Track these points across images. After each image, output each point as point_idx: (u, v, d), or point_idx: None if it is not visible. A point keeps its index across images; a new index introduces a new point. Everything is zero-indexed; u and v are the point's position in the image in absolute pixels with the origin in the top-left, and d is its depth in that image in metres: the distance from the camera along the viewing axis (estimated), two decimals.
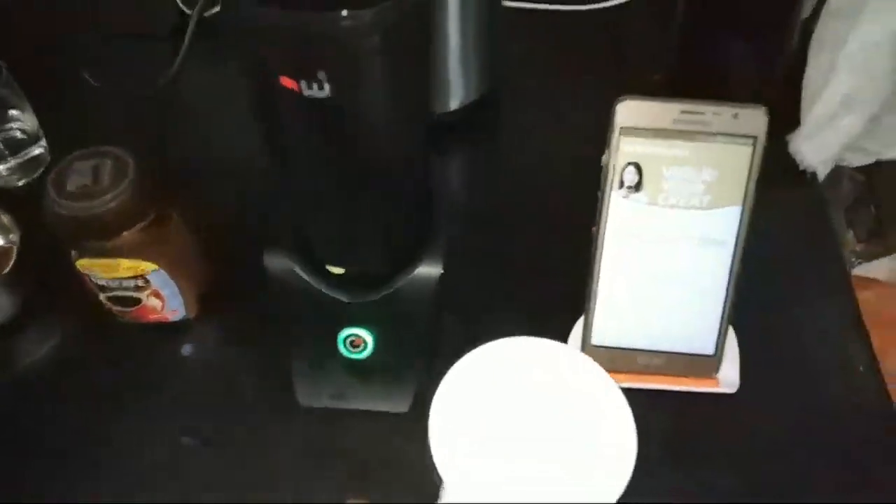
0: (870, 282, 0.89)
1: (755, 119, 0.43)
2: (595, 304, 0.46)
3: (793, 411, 0.49)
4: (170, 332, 0.53)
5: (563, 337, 0.50)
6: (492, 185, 0.63)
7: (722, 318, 0.46)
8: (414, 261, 0.45)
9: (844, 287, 0.55)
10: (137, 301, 0.51)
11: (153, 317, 0.52)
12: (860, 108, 0.59)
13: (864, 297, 0.83)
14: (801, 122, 0.59)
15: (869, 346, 0.51)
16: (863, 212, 1.02)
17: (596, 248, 0.45)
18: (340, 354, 0.47)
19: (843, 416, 0.49)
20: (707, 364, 0.47)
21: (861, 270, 0.94)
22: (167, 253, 0.49)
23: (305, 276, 0.45)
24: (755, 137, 0.42)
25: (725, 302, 0.45)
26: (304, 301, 0.46)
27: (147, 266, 0.48)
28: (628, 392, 0.44)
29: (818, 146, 0.60)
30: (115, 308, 0.52)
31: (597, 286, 0.46)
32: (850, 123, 0.60)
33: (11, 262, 0.53)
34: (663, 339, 0.47)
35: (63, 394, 0.51)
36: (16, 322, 0.54)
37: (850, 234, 1.02)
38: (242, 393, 0.50)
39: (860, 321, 0.52)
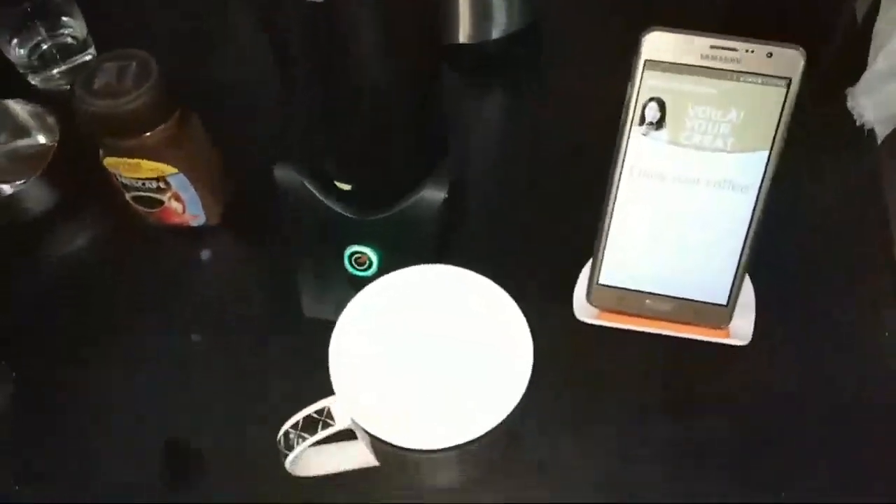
0: None
1: (790, 60, 0.40)
2: (606, 242, 0.45)
3: (805, 370, 0.47)
4: (191, 236, 0.54)
5: (572, 279, 0.49)
6: (522, 120, 0.62)
7: (738, 267, 0.44)
8: (421, 183, 0.44)
9: (887, 253, 0.51)
10: (160, 202, 0.52)
11: (175, 220, 0.53)
12: None
13: None
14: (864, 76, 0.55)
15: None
16: None
17: (611, 185, 0.43)
18: (346, 271, 0.47)
19: (857, 380, 0.47)
20: (719, 313, 0.46)
21: None
22: (187, 157, 0.51)
23: (313, 190, 0.45)
24: (789, 79, 0.40)
25: (743, 251, 0.43)
26: (312, 215, 0.46)
27: (167, 168, 0.50)
28: (635, 335, 0.47)
29: (878, 101, 0.56)
30: (140, 208, 0.53)
31: (609, 224, 0.44)
32: None
33: (48, 160, 0.56)
34: (675, 283, 0.45)
35: (87, 287, 0.54)
36: (50, 217, 0.56)
37: None
38: (252, 298, 0.51)
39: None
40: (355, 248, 0.47)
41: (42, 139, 0.60)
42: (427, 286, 0.39)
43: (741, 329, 0.46)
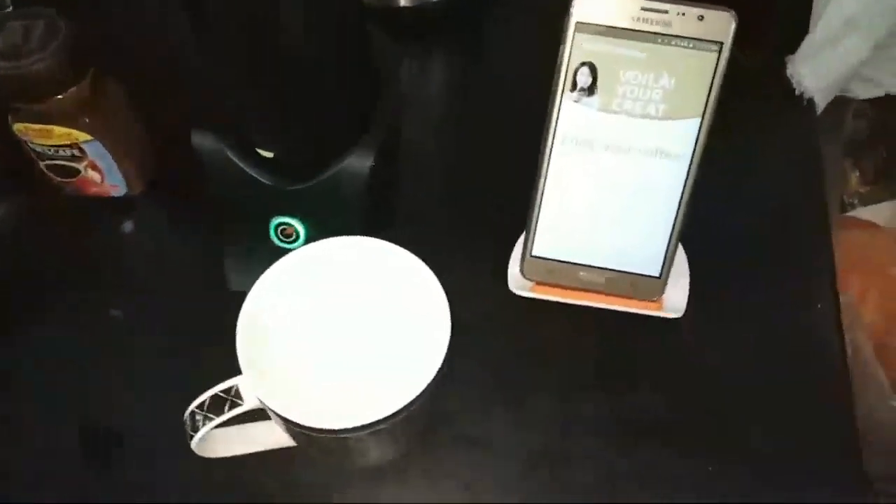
0: (867, 224, 0.84)
1: (722, 23, 0.38)
2: (538, 213, 0.43)
3: (737, 343, 0.47)
4: (112, 207, 0.52)
5: (508, 249, 0.48)
6: (460, 88, 0.60)
7: (671, 238, 0.43)
8: (346, 152, 0.43)
9: (822, 225, 0.51)
10: (76, 171, 0.50)
11: (94, 190, 0.51)
12: (865, 31, 0.54)
13: (855, 238, 0.79)
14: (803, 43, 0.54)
15: (833, 283, 0.47)
16: (870, 152, 0.95)
17: (542, 154, 0.42)
18: (273, 243, 0.45)
19: (789, 353, 0.46)
20: (652, 285, 0.45)
21: (861, 213, 0.89)
22: (102, 123, 0.48)
23: (234, 158, 0.43)
24: (721, 44, 0.39)
25: (676, 221, 0.42)
26: (234, 184, 0.44)
27: (80, 135, 0.47)
28: (568, 308, 0.46)
29: (817, 70, 0.56)
30: (56, 178, 0.51)
31: (541, 194, 0.43)
32: (854, 46, 0.55)
33: None
34: (608, 255, 0.44)
35: (2, 261, 0.52)
36: None
37: (856, 174, 0.96)
38: (176, 271, 0.50)
39: (831, 260, 0.49)
40: (281, 218, 0.45)
41: None
42: (344, 259, 0.38)
43: (674, 301, 0.45)
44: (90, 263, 0.50)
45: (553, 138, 0.42)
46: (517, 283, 0.46)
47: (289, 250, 0.43)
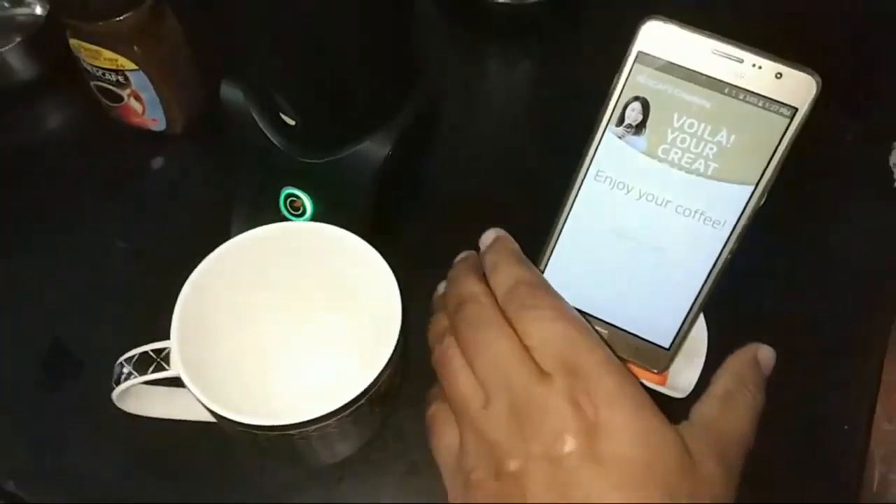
0: None
1: (802, 86, 0.33)
2: (553, 247, 0.39)
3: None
4: (149, 140, 0.52)
5: None
6: (532, 97, 0.57)
7: (690, 309, 0.37)
8: (367, 135, 0.40)
9: (877, 346, 0.44)
10: (119, 98, 0.49)
11: (135, 120, 0.51)
12: None
13: None
14: None
15: (871, 409, 0.42)
16: None
17: (571, 186, 0.37)
18: (281, 213, 0.45)
19: (806, 460, 0.41)
20: (658, 356, 0.39)
21: None
22: (150, 55, 0.47)
23: (257, 118, 0.42)
24: (795, 109, 0.34)
25: (700, 293, 0.37)
26: (251, 144, 0.42)
27: (126, 63, 0.47)
28: None
29: None
30: (102, 100, 0.51)
31: (559, 229, 0.39)
32: None
33: (35, 31, 0.54)
34: (616, 311, 0.39)
35: (40, 169, 0.52)
36: (27, 87, 0.55)
37: None
38: (188, 216, 0.49)
39: (876, 379, 0.43)
40: (291, 189, 0.43)
41: (39, 10, 0.59)
42: (299, 244, 0.37)
43: (682, 380, 0.40)
44: (112, 189, 0.50)
45: (586, 172, 0.37)
46: None
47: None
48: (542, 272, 0.40)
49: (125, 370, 0.33)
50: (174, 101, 0.50)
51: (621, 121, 0.36)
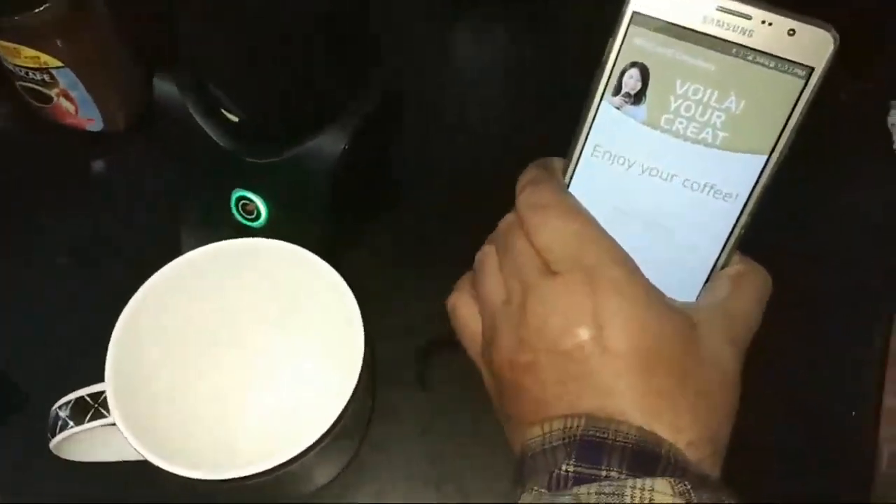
0: None
1: (818, 43, 0.30)
2: None
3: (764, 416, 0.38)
4: (86, 141, 0.47)
5: None
6: (503, 70, 0.51)
7: (702, 290, 0.34)
8: (320, 129, 0.36)
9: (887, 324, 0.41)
10: (49, 98, 0.44)
11: (69, 120, 0.46)
12: None
13: None
14: None
15: (879, 386, 0.39)
16: None
17: (567, 164, 0.34)
18: (234, 218, 0.40)
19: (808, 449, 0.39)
20: None
21: None
22: (78, 49, 0.42)
23: (195, 116, 0.37)
24: (811, 69, 0.30)
25: (712, 272, 0.34)
26: (193, 145, 0.37)
27: (49, 59, 0.41)
28: None
29: None
30: (31, 101, 0.45)
31: None
32: None
33: None
34: None
35: None
36: None
37: None
38: (133, 226, 0.45)
39: (883, 359, 0.40)
40: (241, 192, 0.38)
41: None
42: (245, 264, 0.34)
43: None
44: (50, 199, 0.46)
45: (582, 147, 0.33)
46: None
47: (250, 228, 0.39)
48: None
49: (61, 417, 0.30)
50: (109, 98, 0.45)
51: (618, 90, 0.32)
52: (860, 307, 0.42)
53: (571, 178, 0.34)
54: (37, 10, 0.39)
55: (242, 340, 0.36)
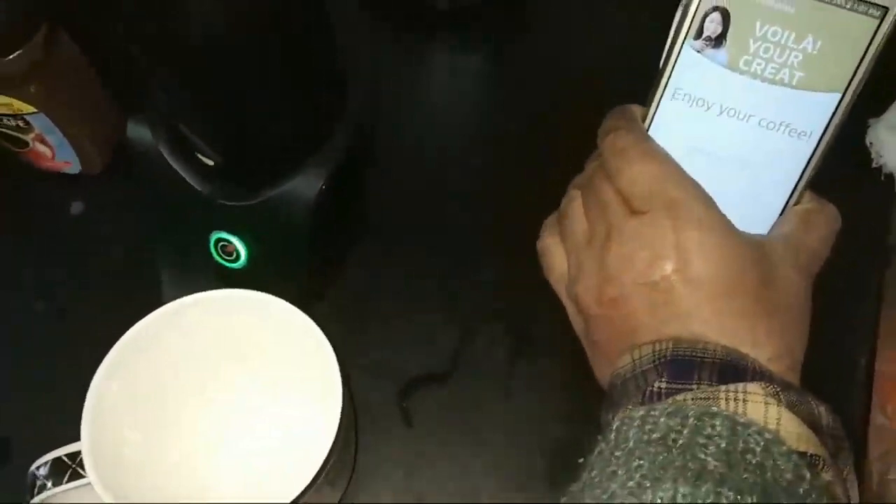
0: None
1: None
2: None
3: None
4: (65, 184, 0.45)
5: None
6: (472, 96, 0.50)
7: (775, 222, 0.35)
8: (296, 169, 0.35)
9: (869, 325, 0.41)
10: (24, 143, 0.42)
11: (46, 164, 0.44)
12: None
13: None
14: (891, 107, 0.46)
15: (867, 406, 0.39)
16: None
17: (648, 107, 0.34)
18: (213, 260, 0.38)
19: None
20: None
21: None
22: (51, 94, 0.40)
23: (170, 161, 0.36)
24: (886, 9, 0.30)
25: (786, 207, 0.34)
26: (168, 190, 0.36)
27: (22, 105, 0.39)
28: None
29: None
30: (9, 147, 0.43)
31: None
32: None
33: None
34: None
35: None
36: None
37: None
38: (114, 269, 0.43)
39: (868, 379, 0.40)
40: (220, 234, 0.37)
41: None
42: (213, 318, 0.33)
43: None
44: (27, 244, 0.44)
45: (664, 90, 0.33)
46: None
47: (231, 269, 0.38)
48: None
49: (39, 480, 0.30)
50: (85, 141, 0.42)
51: (699, 34, 0.32)
52: (842, 327, 0.41)
53: (651, 121, 0.34)
54: (9, 58, 0.37)
55: (220, 391, 0.35)
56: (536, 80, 0.48)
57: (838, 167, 0.38)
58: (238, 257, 0.37)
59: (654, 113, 0.33)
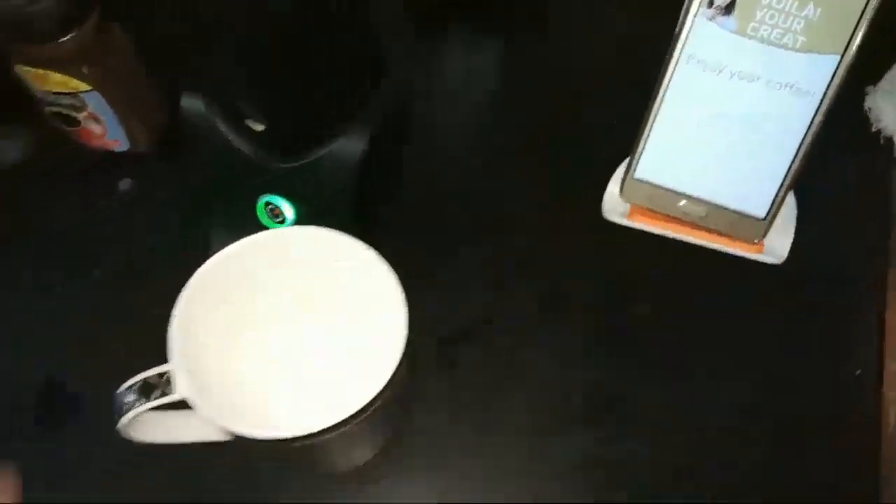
0: None
1: None
2: (648, 133, 0.39)
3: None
4: (113, 161, 0.46)
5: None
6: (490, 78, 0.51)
7: (784, 179, 0.38)
8: (340, 132, 0.37)
9: (877, 282, 0.42)
10: (76, 122, 0.44)
11: (96, 142, 0.45)
12: None
13: None
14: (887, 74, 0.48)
15: (880, 352, 0.40)
16: None
17: (663, 73, 0.37)
18: (260, 223, 0.39)
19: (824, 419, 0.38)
20: (755, 226, 0.40)
21: None
22: (103, 74, 0.41)
23: (222, 129, 0.37)
24: None
25: (793, 162, 0.37)
26: (220, 156, 0.38)
27: (79, 84, 0.41)
28: (664, 241, 0.42)
29: None
30: (61, 125, 0.44)
31: (654, 114, 0.38)
32: None
33: None
34: (713, 187, 0.40)
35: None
36: None
37: None
38: (164, 237, 0.43)
39: (880, 321, 0.40)
40: (268, 197, 0.38)
41: None
42: (287, 251, 0.34)
43: (778, 247, 0.40)
44: (81, 217, 0.44)
45: (679, 56, 0.36)
46: (613, 207, 0.42)
47: None
48: (639, 161, 0.40)
49: (128, 399, 0.30)
50: (134, 119, 0.44)
51: (711, 3, 0.35)
52: (854, 280, 0.43)
53: (667, 87, 0.37)
54: (65, 38, 0.39)
55: (291, 319, 0.36)
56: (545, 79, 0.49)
57: (841, 132, 0.40)
58: (284, 220, 0.39)
59: (670, 78, 0.36)
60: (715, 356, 0.39)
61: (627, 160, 0.41)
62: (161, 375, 0.30)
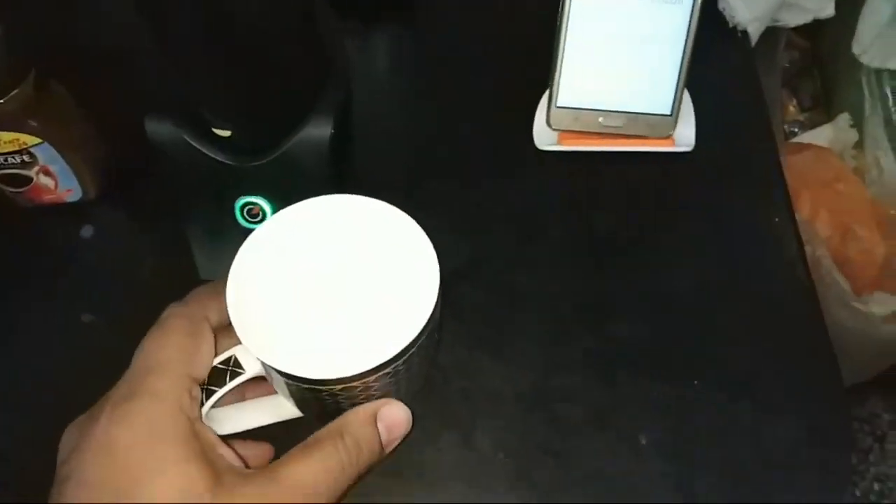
0: (810, 147, 0.81)
1: None
2: (560, 66, 0.46)
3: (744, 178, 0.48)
4: (68, 213, 0.47)
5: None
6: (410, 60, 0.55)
7: (678, 78, 0.46)
8: (302, 122, 0.39)
9: (770, 146, 0.49)
10: (28, 180, 0.45)
11: (48, 197, 0.46)
12: None
13: (801, 161, 0.77)
14: None
15: (787, 198, 0.47)
16: (806, 79, 0.92)
17: (561, 12, 0.44)
18: (239, 224, 0.41)
19: (750, 262, 0.45)
20: (666, 124, 0.47)
21: (803, 139, 0.86)
22: (50, 124, 0.43)
23: (190, 140, 0.39)
24: None
25: (682, 62, 0.45)
26: (192, 167, 0.39)
27: (29, 138, 0.43)
28: (593, 156, 0.47)
29: (749, 2, 0.54)
30: (8, 190, 0.46)
31: (562, 49, 0.45)
32: None
33: None
34: (624, 99, 0.47)
35: None
36: None
37: (793, 103, 0.92)
38: (143, 270, 0.45)
39: (782, 176, 0.48)
40: (246, 198, 0.41)
41: None
42: (327, 217, 0.36)
43: (686, 136, 0.48)
44: (53, 273, 0.46)
45: None
46: (544, 138, 0.48)
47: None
48: (558, 92, 0.46)
49: (203, 389, 0.31)
50: (84, 166, 0.46)
51: None
52: (753, 146, 0.49)
53: (568, 23, 0.44)
54: (8, 96, 0.41)
55: (335, 279, 0.36)
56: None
57: (709, 36, 0.46)
58: (263, 217, 0.41)
59: (568, 15, 0.44)
60: (665, 238, 0.45)
61: (547, 93, 0.47)
62: (226, 362, 0.31)
